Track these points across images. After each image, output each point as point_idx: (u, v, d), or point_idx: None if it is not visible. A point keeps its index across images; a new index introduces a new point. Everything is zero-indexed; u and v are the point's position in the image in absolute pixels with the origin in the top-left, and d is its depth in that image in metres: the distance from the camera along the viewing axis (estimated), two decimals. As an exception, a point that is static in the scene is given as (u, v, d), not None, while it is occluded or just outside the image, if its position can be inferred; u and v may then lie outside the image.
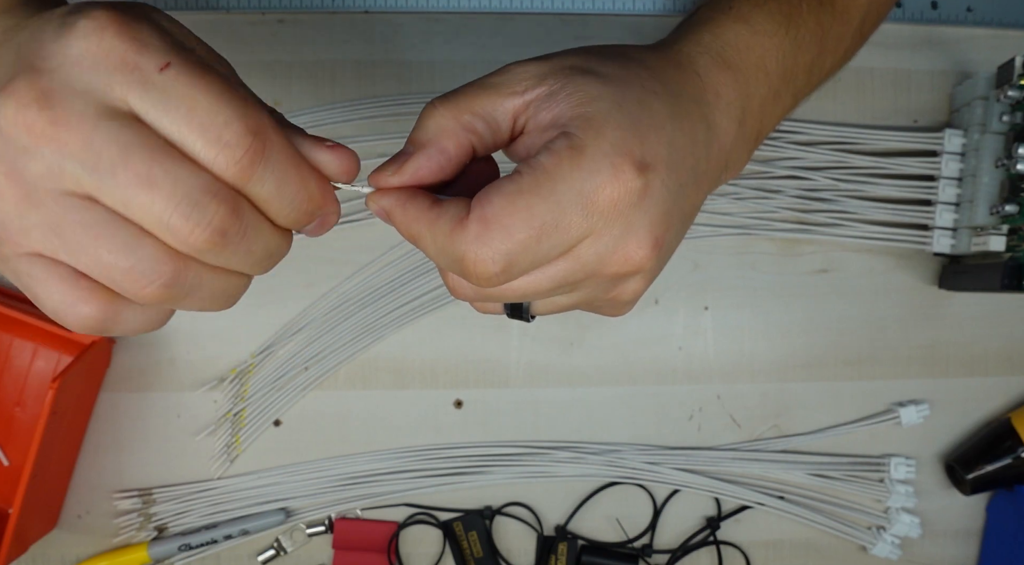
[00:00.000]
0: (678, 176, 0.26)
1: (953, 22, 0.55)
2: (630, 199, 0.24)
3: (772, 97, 0.31)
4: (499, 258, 0.24)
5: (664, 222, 0.26)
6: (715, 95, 0.29)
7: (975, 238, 0.49)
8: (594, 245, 0.25)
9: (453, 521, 0.53)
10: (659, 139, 0.25)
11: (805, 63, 0.32)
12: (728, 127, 0.29)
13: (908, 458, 0.54)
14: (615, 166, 0.24)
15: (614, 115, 0.25)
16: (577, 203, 0.24)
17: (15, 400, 0.51)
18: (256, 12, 0.52)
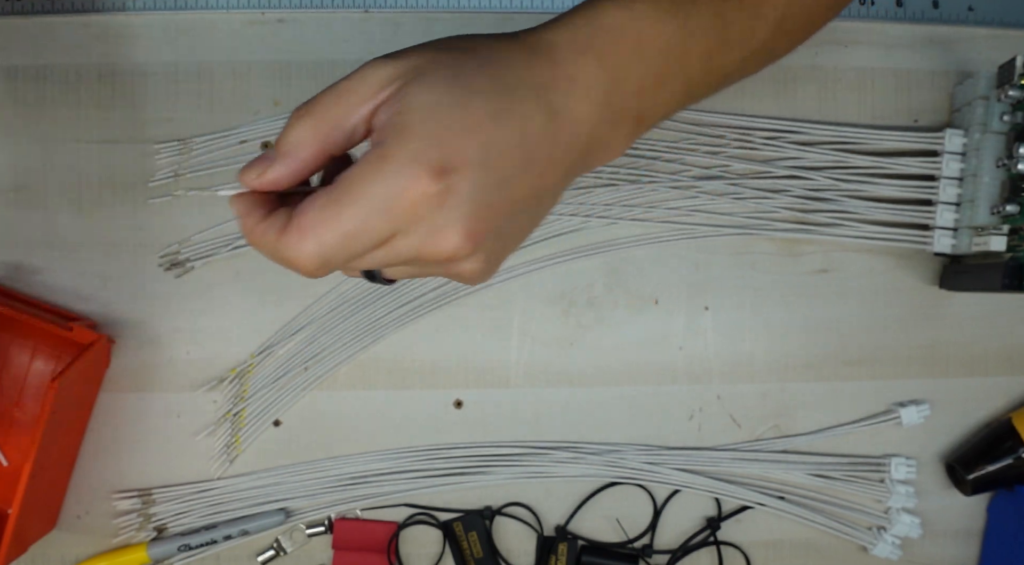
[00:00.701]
0: (497, 171, 0.28)
1: (954, 21, 0.55)
2: (429, 203, 0.27)
3: (654, 82, 0.32)
4: (315, 258, 0.28)
5: (479, 216, 0.28)
6: (568, 81, 0.30)
7: (976, 238, 0.49)
8: (405, 240, 0.28)
9: (453, 521, 0.53)
10: (469, 141, 0.27)
11: (699, 53, 0.33)
12: (585, 110, 0.30)
13: (909, 458, 0.54)
14: (412, 175, 0.27)
15: (422, 124, 0.27)
16: (379, 208, 0.27)
17: (14, 400, 0.50)
18: (256, 11, 0.52)
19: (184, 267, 0.51)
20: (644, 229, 0.53)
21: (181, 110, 0.52)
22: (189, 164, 0.51)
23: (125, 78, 0.51)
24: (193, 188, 0.52)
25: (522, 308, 0.53)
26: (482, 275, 0.32)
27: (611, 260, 0.53)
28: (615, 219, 0.53)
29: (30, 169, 0.51)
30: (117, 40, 0.52)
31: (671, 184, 0.52)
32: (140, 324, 0.52)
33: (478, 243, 0.29)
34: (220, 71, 0.52)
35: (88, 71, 0.51)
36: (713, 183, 0.52)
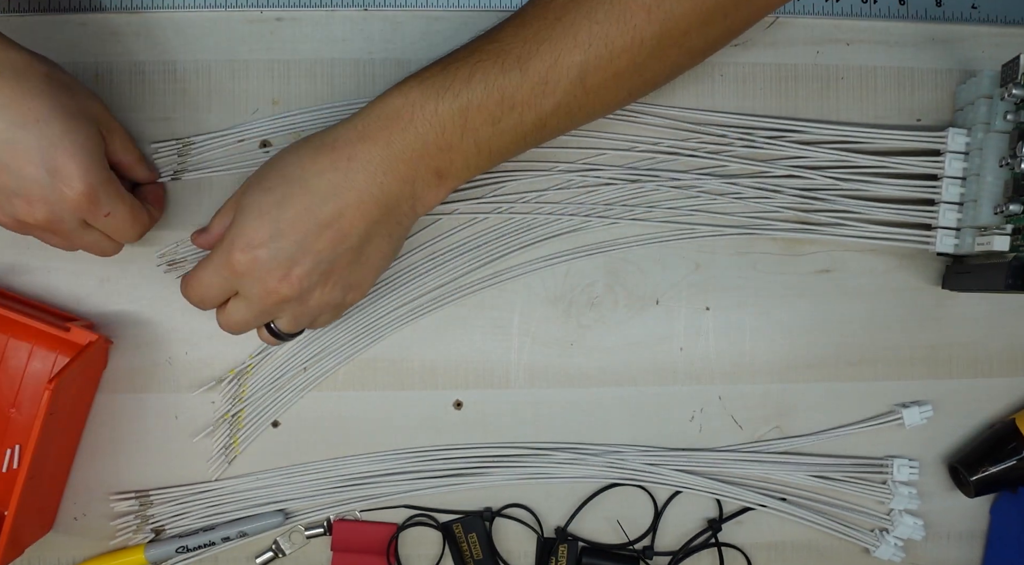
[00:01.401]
0: (291, 238, 0.41)
1: (957, 20, 0.54)
2: (244, 266, 0.41)
3: (435, 149, 0.42)
4: (193, 296, 0.44)
5: (286, 267, 0.41)
6: (347, 160, 0.41)
7: (979, 238, 0.49)
8: (251, 288, 0.42)
9: (453, 523, 0.52)
10: (261, 224, 0.41)
11: (483, 119, 0.41)
12: (368, 178, 0.41)
13: (911, 460, 0.53)
14: (230, 251, 0.42)
15: (238, 216, 0.42)
16: (218, 269, 0.43)
17: (11, 401, 0.50)
18: (254, 10, 0.52)
19: (183, 267, 0.51)
20: (645, 229, 0.53)
21: (179, 109, 0.51)
22: (188, 163, 0.51)
23: (123, 77, 0.51)
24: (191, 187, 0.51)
25: (522, 308, 0.53)
26: (338, 308, 0.46)
27: (611, 260, 0.53)
28: (615, 219, 0.52)
29: (27, 168, 0.51)
30: (115, 39, 0.51)
31: (672, 184, 0.52)
32: (138, 324, 0.51)
33: (297, 283, 0.42)
34: (218, 70, 0.52)
35: (86, 70, 0.51)
36: (714, 182, 0.52)
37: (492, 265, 0.52)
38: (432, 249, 0.52)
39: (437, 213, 0.52)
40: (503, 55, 0.41)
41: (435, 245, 0.52)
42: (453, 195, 0.51)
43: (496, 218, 0.52)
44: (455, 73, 0.41)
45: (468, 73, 0.41)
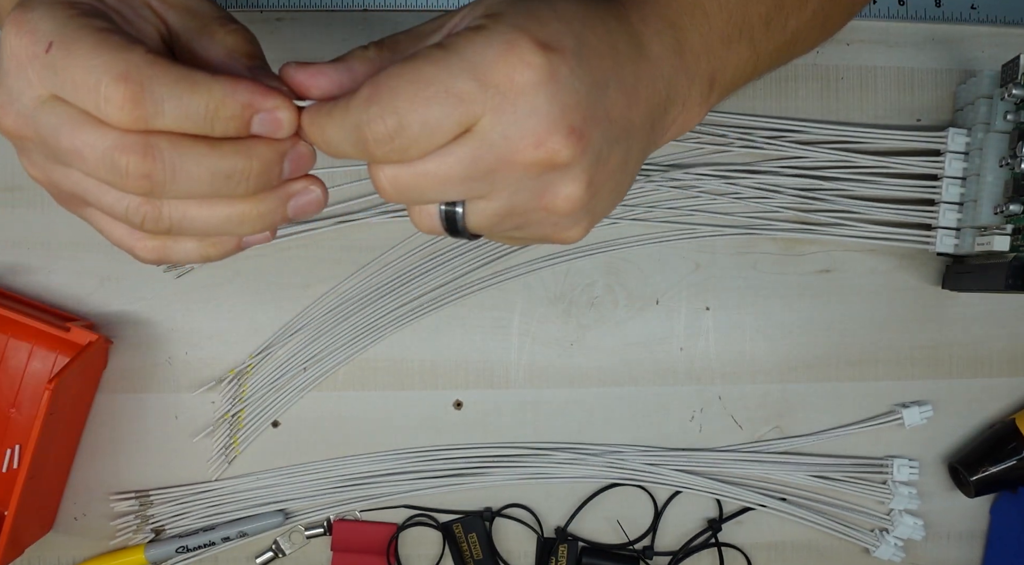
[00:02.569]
0: (592, 70, 0.26)
1: (957, 20, 0.54)
2: (531, 76, 0.24)
3: (720, 40, 0.31)
4: (388, 115, 0.24)
5: (580, 112, 0.25)
6: (641, 21, 0.29)
7: (979, 238, 0.49)
8: (497, 123, 0.24)
9: (453, 523, 0.52)
10: (564, 29, 0.25)
11: (759, 15, 0.32)
12: (660, 53, 0.29)
13: (911, 460, 0.53)
14: (512, 42, 0.24)
15: (518, 7, 0.25)
16: (468, 71, 0.24)
17: (11, 401, 0.50)
18: (255, 10, 0.52)
19: (183, 267, 0.51)
20: (645, 229, 0.53)
21: (179, 109, 0.51)
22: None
23: (123, 77, 0.51)
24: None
25: (522, 308, 0.53)
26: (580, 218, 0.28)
27: (611, 260, 0.53)
28: (615, 219, 0.52)
29: (27, 168, 0.51)
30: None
31: (672, 183, 0.52)
32: (138, 324, 0.51)
33: (580, 147, 0.25)
34: (218, 70, 0.52)
35: (85, 70, 0.51)
36: (714, 182, 0.52)
37: (492, 265, 0.52)
38: (432, 249, 0.52)
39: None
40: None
41: (435, 245, 0.52)
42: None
43: (496, 218, 0.52)
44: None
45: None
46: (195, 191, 0.25)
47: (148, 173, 0.24)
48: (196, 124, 0.25)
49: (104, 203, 0.26)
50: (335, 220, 0.51)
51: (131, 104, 0.24)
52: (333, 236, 0.51)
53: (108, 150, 0.24)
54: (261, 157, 0.26)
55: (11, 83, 0.25)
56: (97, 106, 0.24)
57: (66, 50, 0.24)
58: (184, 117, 0.24)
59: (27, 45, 0.24)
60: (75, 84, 0.24)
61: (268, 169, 0.26)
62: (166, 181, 0.25)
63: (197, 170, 0.25)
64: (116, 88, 0.23)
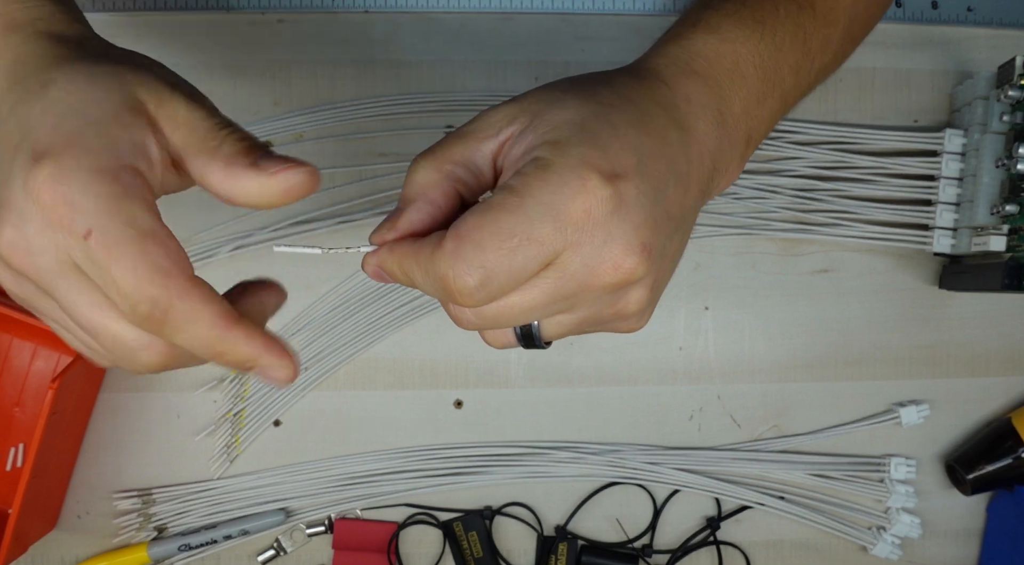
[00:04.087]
0: (653, 180, 0.27)
1: (953, 22, 0.55)
2: (604, 207, 0.25)
3: (756, 100, 0.32)
4: (474, 270, 0.25)
5: (648, 227, 0.26)
6: (685, 101, 0.29)
7: (975, 238, 0.49)
8: (577, 255, 0.26)
9: (453, 521, 0.53)
10: (624, 146, 0.26)
11: (790, 65, 0.33)
12: (706, 129, 0.29)
13: (908, 458, 0.54)
14: (582, 177, 0.25)
15: (577, 135, 0.26)
16: (547, 215, 0.25)
17: (14, 400, 0.50)
18: (256, 12, 0.52)
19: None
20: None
21: (181, 110, 0.52)
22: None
23: (125, 78, 0.51)
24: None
25: (522, 308, 0.53)
26: (646, 312, 0.30)
27: (611, 260, 0.53)
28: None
29: (30, 169, 0.51)
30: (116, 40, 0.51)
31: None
32: (140, 324, 0.52)
33: (650, 259, 0.27)
34: (219, 71, 0.52)
35: (88, 71, 0.51)
36: (713, 183, 0.52)
37: (492, 265, 0.53)
38: (433, 249, 0.52)
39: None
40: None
41: (436, 245, 0.52)
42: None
43: (496, 218, 0.52)
44: (761, 5, 0.32)
45: (772, 6, 0.32)
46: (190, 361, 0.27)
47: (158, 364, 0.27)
48: (202, 352, 0.26)
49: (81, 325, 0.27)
50: (336, 220, 0.51)
51: (151, 324, 0.25)
52: (333, 236, 0.52)
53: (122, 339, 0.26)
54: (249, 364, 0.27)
55: (33, 235, 0.24)
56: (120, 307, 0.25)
57: (105, 248, 0.24)
58: (194, 345, 0.26)
59: (63, 217, 0.24)
60: (105, 280, 0.24)
61: None
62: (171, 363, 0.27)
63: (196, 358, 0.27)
64: (142, 305, 0.24)
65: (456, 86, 0.52)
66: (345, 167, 0.51)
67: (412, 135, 0.52)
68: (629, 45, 0.53)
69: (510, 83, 0.53)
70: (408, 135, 0.52)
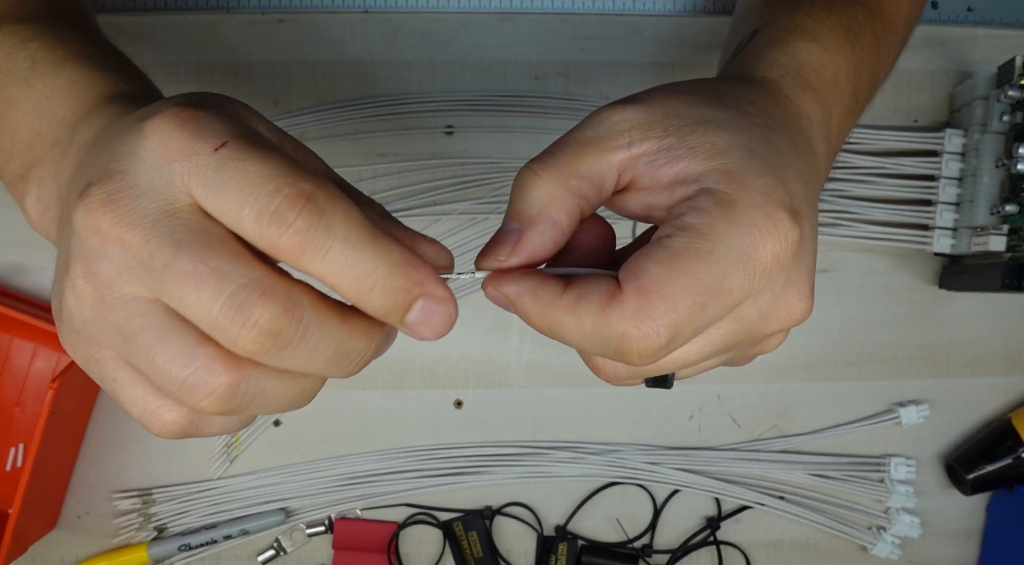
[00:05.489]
0: (815, 213, 0.24)
1: (953, 22, 0.55)
2: (791, 250, 0.22)
3: (846, 113, 0.30)
4: (664, 330, 0.22)
5: (814, 267, 0.24)
6: (808, 118, 0.27)
7: (975, 238, 0.49)
8: (756, 303, 0.23)
9: (453, 521, 0.53)
10: (796, 178, 0.24)
11: (867, 76, 0.31)
12: (823, 149, 0.28)
13: (908, 458, 0.54)
14: (771, 217, 0.22)
15: (751, 163, 0.23)
16: (739, 262, 0.22)
17: (15, 400, 0.51)
18: (256, 12, 0.52)
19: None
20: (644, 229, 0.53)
21: (181, 110, 0.52)
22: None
23: (125, 78, 0.51)
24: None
25: (522, 308, 0.53)
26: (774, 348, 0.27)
27: (611, 260, 0.53)
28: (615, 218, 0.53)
29: (30, 169, 0.51)
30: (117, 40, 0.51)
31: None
32: (140, 324, 0.52)
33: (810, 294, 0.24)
34: (220, 71, 0.52)
35: (88, 71, 0.51)
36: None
37: (492, 265, 0.53)
38: (433, 249, 0.52)
39: (436, 213, 0.52)
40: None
41: (436, 245, 0.52)
42: (453, 194, 0.51)
43: (496, 218, 0.53)
44: (841, 13, 0.31)
45: (854, 13, 0.31)
46: (305, 364, 0.22)
47: (277, 330, 0.20)
48: (352, 281, 0.21)
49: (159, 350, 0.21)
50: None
51: (302, 223, 0.20)
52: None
53: (244, 286, 0.20)
54: (381, 345, 0.23)
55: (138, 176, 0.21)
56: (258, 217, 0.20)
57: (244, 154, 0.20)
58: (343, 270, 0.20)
59: (185, 139, 0.21)
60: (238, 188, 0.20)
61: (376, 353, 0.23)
62: (287, 346, 0.21)
63: (324, 342, 0.21)
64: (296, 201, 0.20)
65: (456, 86, 0.52)
66: (345, 167, 0.51)
67: (412, 135, 0.52)
68: (629, 45, 0.53)
69: (510, 83, 0.53)
70: (408, 135, 0.52)
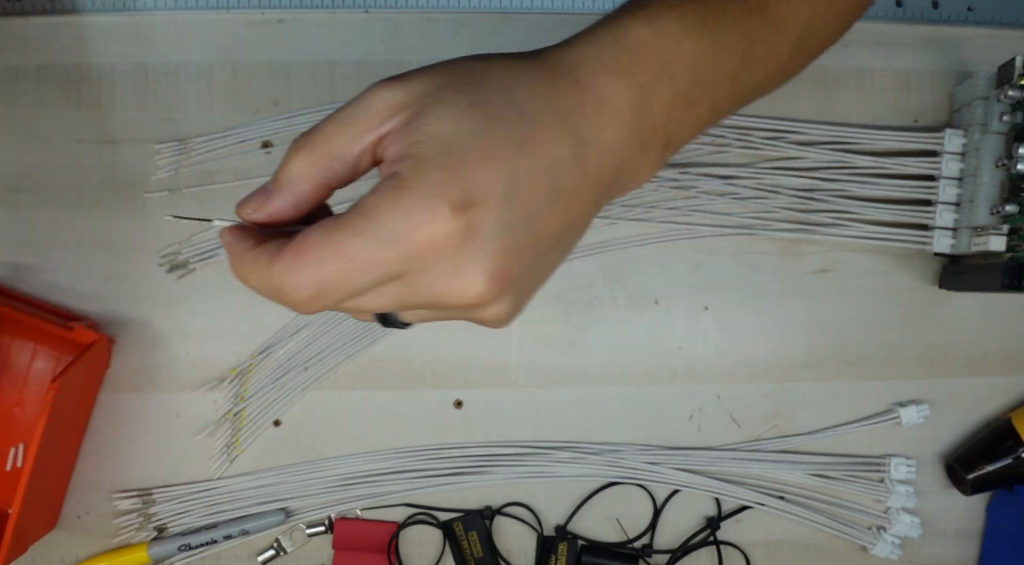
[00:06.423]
0: (524, 205, 0.26)
1: (954, 22, 0.55)
2: (450, 240, 0.24)
3: (682, 103, 0.30)
4: (309, 286, 0.25)
5: (507, 255, 0.26)
6: (595, 103, 0.28)
7: (975, 238, 0.49)
8: (421, 279, 0.25)
9: (453, 521, 0.53)
10: (493, 173, 0.25)
11: (727, 71, 0.31)
12: (612, 136, 0.28)
13: (908, 458, 0.54)
14: (430, 208, 0.24)
15: (441, 155, 0.25)
16: (391, 242, 0.24)
17: (15, 400, 0.51)
18: (256, 11, 0.52)
19: (185, 267, 0.51)
20: (644, 229, 0.53)
21: (182, 110, 0.52)
22: (190, 164, 0.51)
23: (126, 78, 0.52)
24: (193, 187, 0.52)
25: (522, 308, 0.53)
26: (507, 319, 0.29)
27: (611, 260, 0.53)
28: (615, 219, 0.53)
29: (31, 169, 0.51)
30: (118, 40, 0.52)
31: (671, 184, 0.52)
32: (141, 324, 0.52)
33: (504, 286, 0.26)
34: (220, 71, 0.52)
35: (89, 71, 0.51)
36: (713, 183, 0.52)
37: (492, 265, 0.53)
38: (433, 249, 0.52)
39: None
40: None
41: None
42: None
43: (496, 218, 0.53)
44: (706, 5, 0.31)
45: (720, 7, 0.31)
46: None
47: None
48: None
49: None
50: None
51: None
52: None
53: None
54: None
55: None
56: None
57: None
58: None
59: None
60: None
61: None
62: None
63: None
64: None
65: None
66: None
67: (412, 135, 0.52)
68: (629, 45, 0.53)
69: (510, 83, 0.52)
70: (408, 135, 0.52)
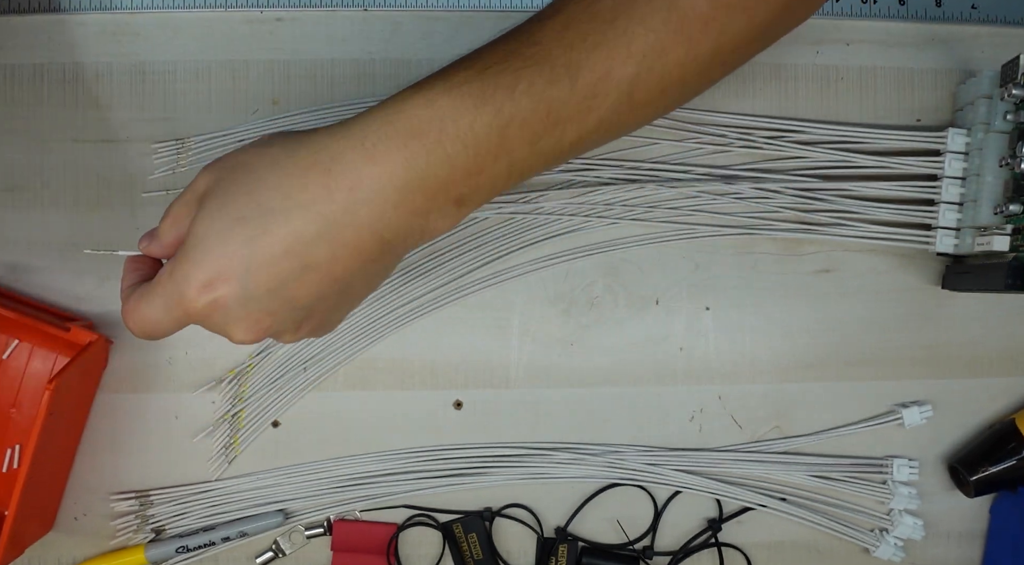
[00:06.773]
0: (264, 282, 0.33)
1: (957, 20, 0.54)
2: (205, 309, 0.34)
3: (466, 172, 0.34)
4: (136, 328, 0.36)
5: (252, 317, 0.34)
6: (347, 190, 0.32)
7: (979, 238, 0.49)
8: (211, 326, 0.35)
9: (453, 523, 0.52)
10: (231, 261, 0.33)
11: (523, 138, 0.34)
12: (368, 213, 0.33)
13: (911, 460, 0.53)
14: (183, 289, 0.34)
15: (193, 249, 0.34)
16: (167, 308, 0.35)
17: (11, 401, 0.50)
18: (254, 10, 0.52)
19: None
20: (644, 229, 0.53)
21: (179, 109, 0.52)
22: (187, 163, 0.51)
23: (123, 77, 0.51)
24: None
25: (522, 308, 0.53)
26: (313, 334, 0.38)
27: (611, 260, 0.53)
28: (615, 219, 0.53)
29: (28, 169, 0.51)
30: (115, 39, 0.51)
31: (672, 184, 0.52)
32: (138, 324, 0.51)
33: (263, 334, 0.35)
34: (218, 70, 0.52)
35: (86, 70, 0.51)
36: (714, 183, 0.52)
37: (492, 265, 0.52)
38: (432, 249, 0.52)
39: (437, 213, 0.52)
40: (549, 62, 0.34)
41: (435, 245, 0.52)
42: (453, 195, 0.51)
43: (496, 218, 0.52)
44: (495, 80, 0.33)
45: (511, 82, 0.33)
46: None
47: None
48: None
49: None
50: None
51: None
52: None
53: None
54: None
55: None
56: None
57: None
58: None
59: None
60: None
61: None
62: None
63: None
64: None
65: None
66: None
67: (411, 134, 0.51)
68: (630, 44, 0.53)
69: (510, 82, 0.52)
70: (407, 134, 0.51)
